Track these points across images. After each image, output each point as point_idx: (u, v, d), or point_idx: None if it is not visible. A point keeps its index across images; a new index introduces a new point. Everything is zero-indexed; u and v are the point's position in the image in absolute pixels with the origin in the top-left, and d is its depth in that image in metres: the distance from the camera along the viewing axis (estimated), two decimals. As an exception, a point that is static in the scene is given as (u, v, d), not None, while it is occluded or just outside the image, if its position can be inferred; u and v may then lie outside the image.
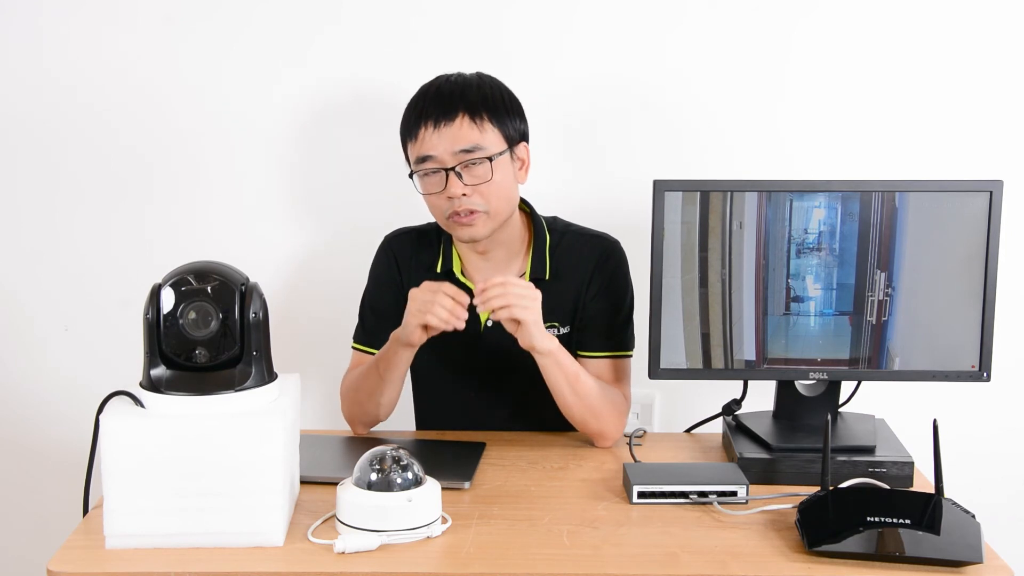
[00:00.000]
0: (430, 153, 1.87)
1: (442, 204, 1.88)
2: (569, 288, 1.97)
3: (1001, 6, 2.23)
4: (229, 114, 2.30)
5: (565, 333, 1.97)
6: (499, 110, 1.89)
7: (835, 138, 2.26)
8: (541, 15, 2.25)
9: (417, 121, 1.88)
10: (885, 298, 1.79)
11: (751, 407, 1.91)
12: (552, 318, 1.94)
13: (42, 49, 2.28)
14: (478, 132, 1.86)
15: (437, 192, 1.88)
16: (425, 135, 1.87)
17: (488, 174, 1.86)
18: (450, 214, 1.88)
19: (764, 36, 2.25)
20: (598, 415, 1.89)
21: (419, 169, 1.89)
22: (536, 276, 1.95)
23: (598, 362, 1.97)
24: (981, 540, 1.46)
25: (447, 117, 1.85)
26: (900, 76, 2.25)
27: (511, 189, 1.92)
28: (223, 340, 1.50)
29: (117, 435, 1.45)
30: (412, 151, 1.90)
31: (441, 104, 1.87)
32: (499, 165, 1.88)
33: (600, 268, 1.97)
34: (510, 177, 1.91)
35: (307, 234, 2.35)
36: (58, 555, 1.46)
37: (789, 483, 1.71)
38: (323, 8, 2.26)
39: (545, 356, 1.83)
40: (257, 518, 1.47)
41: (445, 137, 1.85)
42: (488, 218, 1.89)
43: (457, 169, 1.85)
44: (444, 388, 2.05)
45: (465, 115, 1.86)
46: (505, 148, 1.89)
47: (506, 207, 1.91)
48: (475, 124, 1.86)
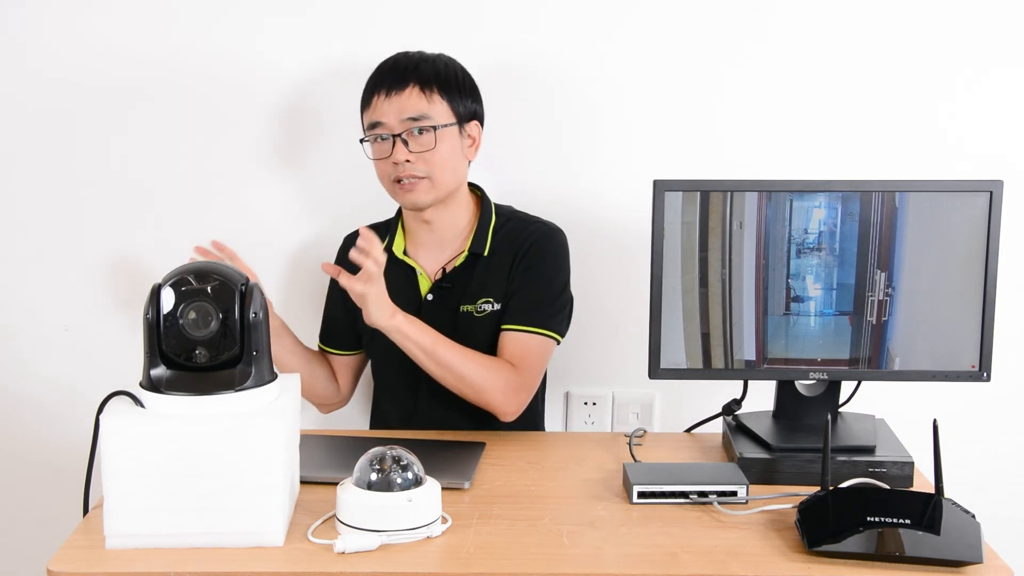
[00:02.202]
0: (380, 120, 1.97)
1: (388, 169, 1.98)
2: (502, 266, 2.02)
3: (1001, 6, 2.23)
4: (229, 114, 2.29)
5: (497, 310, 2.01)
6: (450, 86, 1.99)
7: (835, 138, 2.26)
8: (541, 14, 2.25)
9: (372, 90, 1.99)
10: (885, 298, 1.79)
11: (751, 407, 1.91)
12: (485, 293, 2.01)
13: (41, 47, 2.27)
14: (426, 103, 1.95)
15: (384, 158, 1.98)
16: (377, 103, 1.97)
17: (432, 143, 1.95)
18: (394, 179, 1.97)
19: (765, 36, 2.25)
20: (472, 385, 1.92)
21: (369, 135, 2.00)
22: (475, 251, 2.02)
23: (506, 334, 1.99)
24: (981, 540, 1.46)
25: (398, 87, 1.96)
26: (900, 76, 2.25)
27: (456, 162, 2.00)
28: (223, 340, 1.50)
29: (117, 435, 1.45)
30: (365, 118, 2.01)
31: (395, 74, 1.98)
32: (444, 136, 1.96)
33: (533, 248, 2.02)
34: (457, 151, 1.99)
35: (307, 234, 2.34)
36: (58, 555, 1.46)
37: (789, 483, 1.71)
38: (325, 8, 2.26)
39: (390, 332, 1.88)
40: (257, 518, 1.47)
41: (394, 105, 1.95)
42: (431, 185, 1.97)
43: (403, 136, 1.95)
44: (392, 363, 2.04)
45: (416, 86, 1.96)
46: (453, 122, 1.98)
47: (450, 179, 1.99)
48: (424, 95, 1.95)
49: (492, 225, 2.04)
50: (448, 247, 2.05)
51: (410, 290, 2.04)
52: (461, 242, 2.05)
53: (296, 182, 2.33)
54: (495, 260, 2.02)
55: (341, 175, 2.32)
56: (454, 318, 2.00)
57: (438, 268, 2.04)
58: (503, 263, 2.02)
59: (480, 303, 2.00)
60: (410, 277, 2.05)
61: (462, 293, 2.02)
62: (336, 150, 2.31)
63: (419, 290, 2.04)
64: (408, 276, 2.05)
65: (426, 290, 2.04)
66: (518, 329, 1.98)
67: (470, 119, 2.02)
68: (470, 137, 2.03)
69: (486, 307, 2.00)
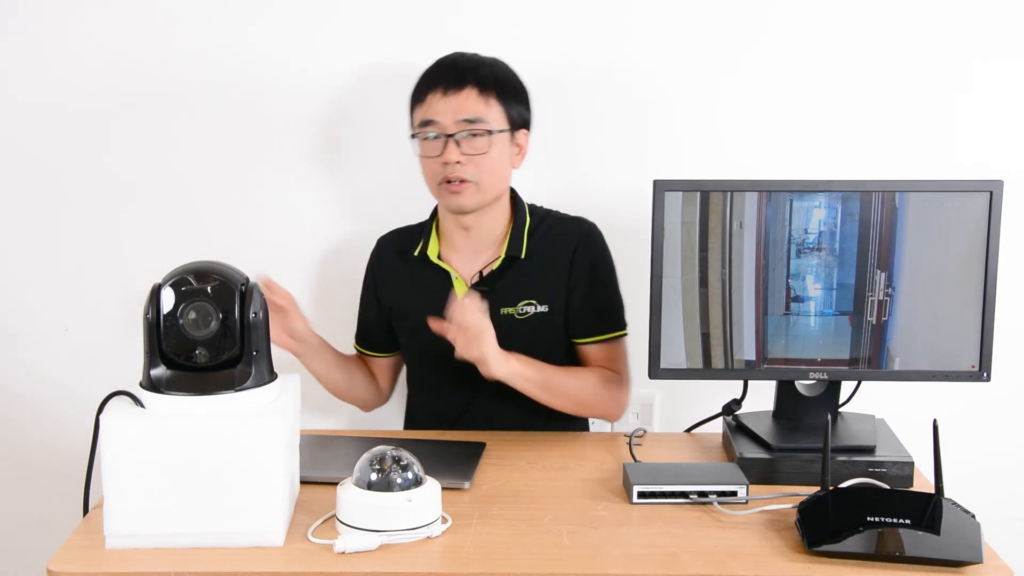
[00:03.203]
0: (434, 118, 1.93)
1: (436, 169, 1.95)
2: (547, 268, 2.01)
3: (1000, 6, 2.23)
4: (229, 114, 2.29)
5: (543, 311, 2.00)
6: (507, 91, 1.96)
7: (835, 138, 2.26)
8: (541, 13, 2.25)
9: (427, 87, 1.95)
10: (885, 298, 1.79)
11: (751, 407, 1.91)
12: (528, 296, 2.00)
13: (41, 46, 2.28)
14: (483, 106, 1.93)
15: (434, 156, 1.94)
16: (432, 100, 1.93)
17: (486, 147, 1.93)
18: (441, 180, 1.94)
19: (765, 37, 2.25)
20: (587, 404, 1.97)
21: (420, 132, 1.96)
22: (512, 255, 2.00)
23: (592, 347, 2.02)
24: (981, 540, 1.46)
25: (456, 86, 1.93)
26: (900, 76, 2.25)
27: (504, 168, 1.98)
28: (223, 340, 1.50)
29: (117, 435, 1.45)
30: (417, 115, 1.97)
31: (454, 74, 1.94)
32: (497, 141, 1.94)
33: (581, 252, 2.02)
34: (506, 157, 1.97)
35: (307, 234, 2.34)
36: (58, 555, 1.46)
37: (789, 483, 1.71)
38: (326, 9, 2.26)
39: (510, 380, 1.87)
40: (257, 518, 1.47)
41: (451, 104, 1.92)
42: (477, 190, 1.94)
43: (457, 137, 1.91)
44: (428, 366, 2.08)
45: (474, 88, 1.93)
46: (506, 128, 1.96)
47: (497, 184, 1.97)
48: (481, 97, 1.93)
49: (527, 227, 2.02)
50: (484, 251, 2.03)
51: (445, 294, 1.97)
52: (497, 246, 2.03)
53: (297, 182, 2.33)
54: (534, 261, 2.01)
55: (375, 177, 2.32)
56: (494, 321, 1.93)
57: (473, 272, 2.02)
58: (544, 264, 2.01)
59: (521, 305, 1.99)
60: (445, 282, 2.02)
61: (500, 296, 1.99)
62: (338, 150, 2.31)
63: (456, 295, 1.97)
64: (443, 281, 2.02)
65: (462, 294, 1.99)
66: (603, 339, 2.01)
67: (521, 127, 2.00)
68: (517, 145, 2.00)
69: (528, 309, 1.99)
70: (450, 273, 2.03)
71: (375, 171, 2.31)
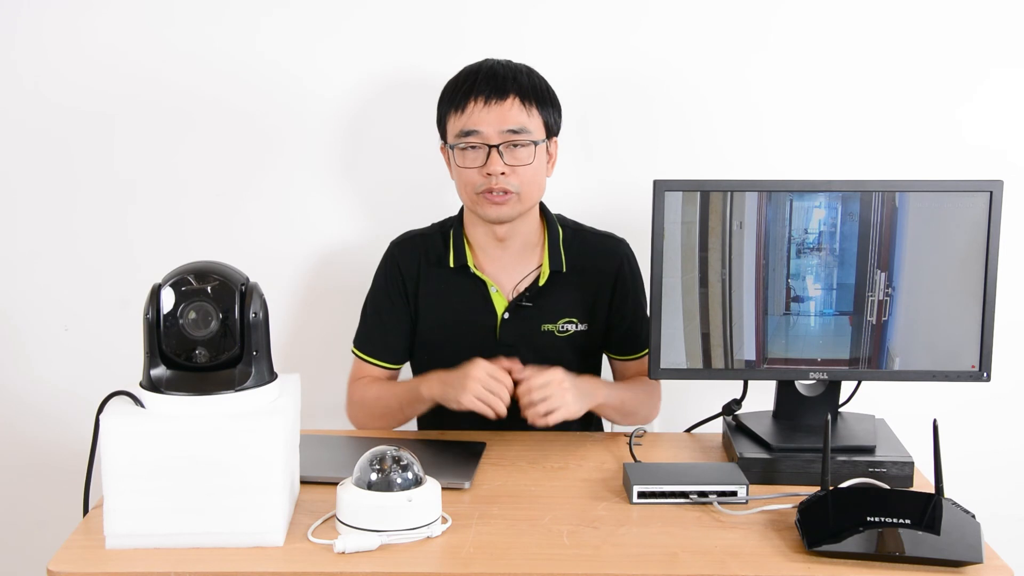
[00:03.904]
0: (476, 128, 1.90)
1: (476, 180, 1.92)
2: (585, 285, 2.01)
3: (1000, 7, 2.23)
4: (230, 114, 2.30)
5: (583, 329, 2.00)
6: (545, 99, 1.96)
7: (835, 138, 2.26)
8: (541, 13, 2.25)
9: (466, 95, 1.92)
10: (885, 298, 1.79)
11: (751, 407, 1.91)
12: (570, 314, 2.00)
13: (41, 46, 2.28)
14: (526, 116, 1.92)
15: (476, 167, 1.91)
16: (474, 110, 1.90)
17: (530, 157, 1.92)
18: (483, 190, 1.91)
19: (765, 37, 2.25)
20: (642, 415, 2.05)
21: (461, 142, 1.92)
22: (555, 268, 1.99)
23: (637, 362, 2.07)
24: (981, 540, 1.46)
25: (499, 96, 1.90)
26: (900, 76, 2.25)
27: (542, 178, 1.98)
28: (223, 340, 1.50)
29: (117, 435, 1.45)
30: (455, 124, 1.93)
31: (495, 82, 1.91)
32: (539, 152, 1.94)
33: (621, 272, 2.03)
34: (544, 166, 1.97)
35: (307, 234, 2.35)
36: (58, 555, 1.46)
37: (789, 483, 1.71)
38: (330, 14, 2.26)
39: (598, 411, 1.95)
40: (257, 518, 1.47)
41: (494, 114, 1.90)
42: (518, 201, 1.93)
43: (501, 148, 1.89)
44: None
45: (516, 97, 1.91)
46: (544, 138, 1.95)
47: (536, 194, 1.96)
48: (524, 107, 1.92)
49: (561, 239, 2.02)
50: (521, 263, 2.01)
51: (484, 307, 1.99)
52: (535, 258, 2.02)
53: (297, 183, 2.33)
54: (571, 277, 2.00)
55: (344, 176, 2.32)
56: (535, 337, 1.97)
57: (514, 284, 2.00)
58: (583, 283, 2.01)
59: (562, 323, 1.99)
60: (484, 293, 2.00)
61: (541, 312, 1.98)
62: (339, 151, 2.31)
63: (494, 307, 1.99)
64: (482, 292, 2.00)
65: (502, 308, 1.99)
66: (645, 354, 2.03)
67: (554, 135, 1.99)
68: (549, 154, 1.99)
69: (568, 327, 1.99)
70: (489, 284, 2.00)
71: (377, 174, 2.31)
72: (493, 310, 1.99)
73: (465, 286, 2.00)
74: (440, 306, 2.02)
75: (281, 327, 2.26)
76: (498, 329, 1.99)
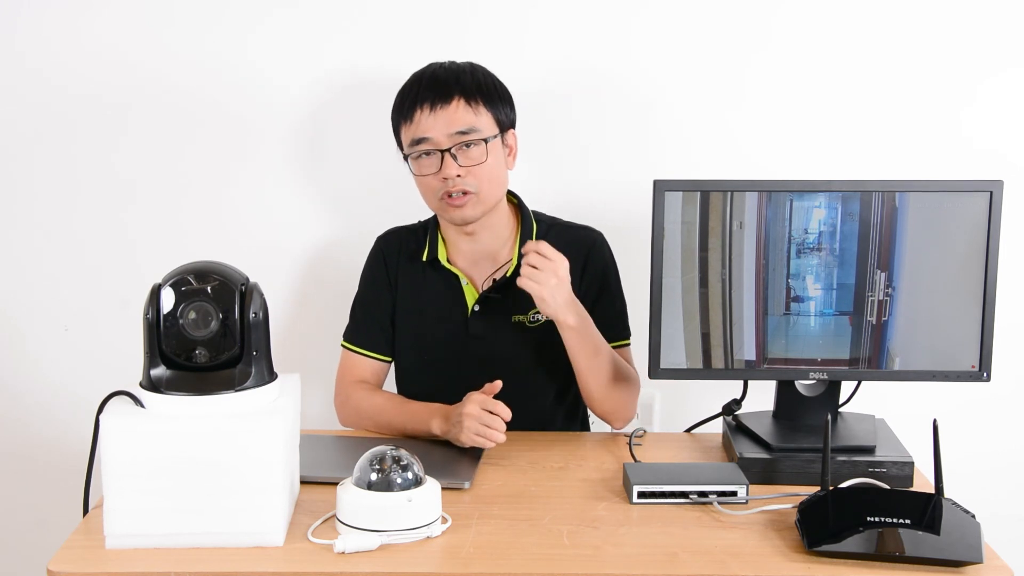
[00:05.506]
0: (425, 135, 1.91)
1: (435, 185, 1.93)
2: None
3: (1000, 8, 2.22)
4: (230, 114, 2.29)
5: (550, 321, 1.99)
6: (492, 95, 1.95)
7: (835, 138, 2.26)
8: (541, 13, 2.25)
9: (412, 104, 1.93)
10: (885, 298, 1.79)
11: (751, 407, 1.91)
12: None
13: (41, 46, 2.28)
14: (473, 115, 1.91)
15: (431, 173, 1.92)
16: (420, 117, 1.91)
17: (483, 156, 1.92)
18: (442, 195, 1.93)
19: (765, 38, 2.25)
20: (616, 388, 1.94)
21: (413, 151, 1.94)
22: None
23: None
24: (981, 540, 1.46)
25: (443, 100, 1.91)
26: (900, 76, 2.25)
27: (502, 173, 1.97)
28: (223, 340, 1.50)
29: (117, 435, 1.45)
30: (406, 134, 1.95)
31: (437, 87, 1.92)
32: (492, 148, 1.93)
33: (591, 262, 2.02)
34: (501, 161, 1.97)
35: (307, 234, 2.34)
36: (58, 555, 1.46)
37: (789, 483, 1.71)
38: (332, 12, 2.25)
39: (565, 329, 1.87)
40: (257, 518, 1.47)
41: (441, 119, 1.90)
42: (479, 200, 1.93)
43: (452, 151, 1.90)
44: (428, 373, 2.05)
45: (461, 98, 1.91)
46: (497, 132, 1.95)
47: (496, 191, 1.96)
48: (470, 107, 1.91)
49: (535, 234, 2.02)
50: (490, 256, 2.02)
51: (455, 300, 2.01)
52: (506, 251, 2.03)
53: (297, 182, 2.33)
54: None
55: (343, 176, 2.32)
56: (505, 328, 1.98)
57: (484, 278, 2.01)
58: None
59: (532, 313, 1.98)
60: (454, 287, 2.01)
61: (512, 303, 1.99)
62: (338, 150, 2.31)
63: (465, 300, 2.01)
64: (452, 286, 2.02)
65: (472, 300, 2.00)
66: (617, 346, 2.01)
67: (509, 128, 1.99)
68: (508, 146, 1.99)
69: (539, 317, 1.98)
70: (460, 278, 2.01)
71: (369, 173, 2.30)
72: (464, 303, 2.01)
73: (437, 280, 2.02)
74: (414, 299, 2.04)
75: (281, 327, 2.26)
76: (468, 321, 2.00)
